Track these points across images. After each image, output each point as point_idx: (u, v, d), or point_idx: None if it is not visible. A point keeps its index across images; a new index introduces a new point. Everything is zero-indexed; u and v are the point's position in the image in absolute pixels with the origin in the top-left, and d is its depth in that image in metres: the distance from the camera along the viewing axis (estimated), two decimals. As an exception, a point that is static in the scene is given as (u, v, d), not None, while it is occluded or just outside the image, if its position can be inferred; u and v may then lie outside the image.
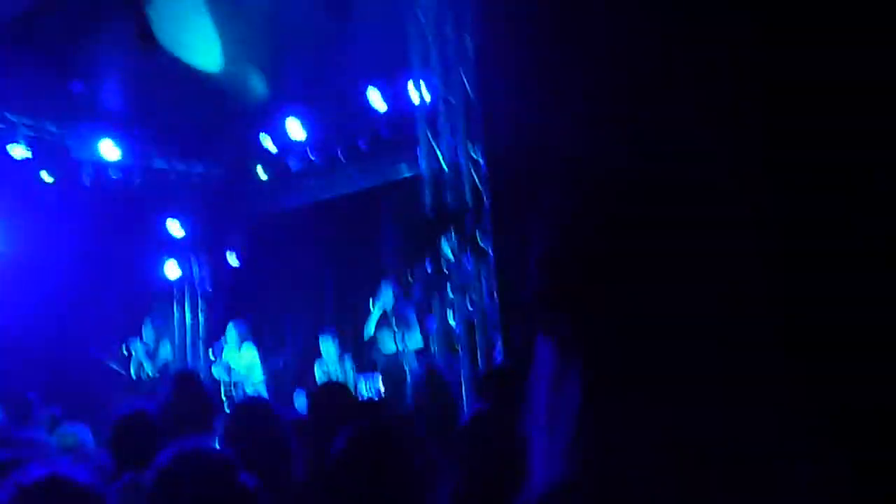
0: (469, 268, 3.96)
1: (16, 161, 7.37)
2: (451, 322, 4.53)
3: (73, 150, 7.84)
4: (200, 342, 8.67)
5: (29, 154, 7.36)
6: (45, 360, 7.59)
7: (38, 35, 5.86)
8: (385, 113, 7.23)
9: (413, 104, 6.92)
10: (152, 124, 7.90)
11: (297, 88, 7.51)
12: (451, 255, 4.27)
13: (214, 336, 8.64)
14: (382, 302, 6.37)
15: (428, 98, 6.81)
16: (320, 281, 8.16)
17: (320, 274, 8.16)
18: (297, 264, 8.26)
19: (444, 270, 4.21)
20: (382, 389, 5.11)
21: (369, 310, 6.68)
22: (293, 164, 8.18)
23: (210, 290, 8.69)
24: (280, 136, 7.85)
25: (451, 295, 4.42)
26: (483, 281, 3.92)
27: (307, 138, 7.75)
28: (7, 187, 7.55)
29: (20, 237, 7.63)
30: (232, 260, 8.48)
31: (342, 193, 8.04)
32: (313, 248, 8.10)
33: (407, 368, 5.66)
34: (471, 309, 3.99)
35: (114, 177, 8.07)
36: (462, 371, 3.90)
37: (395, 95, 7.09)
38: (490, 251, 3.91)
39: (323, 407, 2.87)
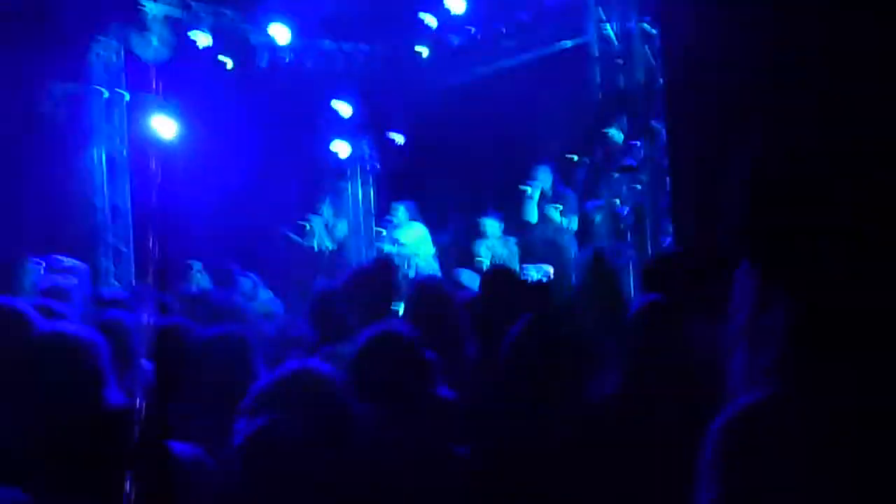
0: (640, 150, 3.82)
1: (197, 48, 7.84)
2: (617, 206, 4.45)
3: (249, 35, 8.21)
4: (372, 218, 9.16)
5: (210, 42, 7.80)
6: (237, 234, 8.40)
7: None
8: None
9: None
10: (320, 7, 8.05)
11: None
12: (619, 137, 4.13)
13: (384, 213, 9.09)
14: (540, 183, 6.33)
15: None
16: (482, 159, 8.20)
17: (482, 152, 8.18)
18: (460, 142, 8.33)
19: (611, 152, 4.09)
20: (551, 273, 5.17)
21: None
22: (454, 39, 8.11)
23: (378, 168, 9.04)
24: (441, 12, 7.76)
25: (615, 177, 4.32)
26: (653, 164, 3.78)
27: (467, 12, 7.62)
28: (190, 73, 8.13)
29: (206, 120, 8.25)
30: (397, 138, 8.71)
31: (504, 68, 7.90)
32: (475, 124, 8.09)
33: (571, 251, 5.70)
34: (639, 193, 3.88)
35: (286, 59, 8.42)
36: (629, 257, 3.86)
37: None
38: (663, 133, 3.73)
39: (493, 289, 2.97)
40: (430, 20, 7.93)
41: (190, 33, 7.63)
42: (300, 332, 3.31)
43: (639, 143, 3.92)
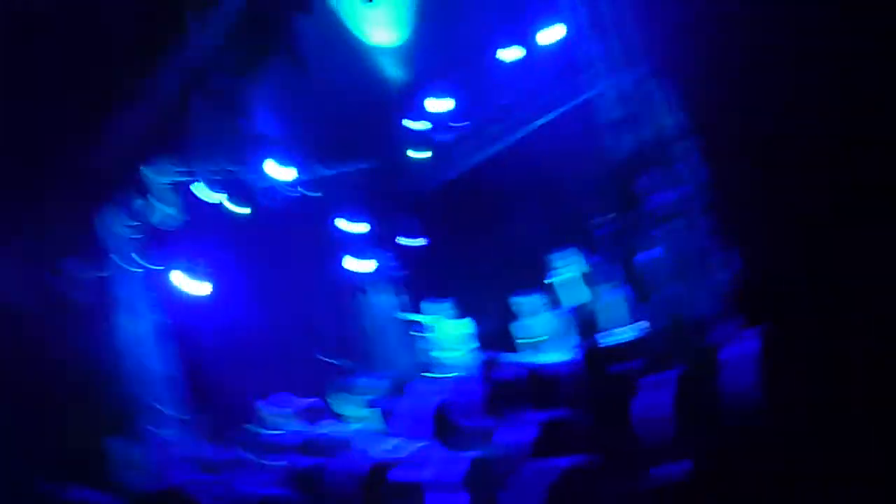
0: (671, 198, 4.02)
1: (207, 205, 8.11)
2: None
3: (249, 180, 8.52)
4: (400, 326, 9.27)
5: (217, 197, 8.09)
6: (273, 365, 8.48)
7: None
8: (522, 63, 7.30)
9: (548, 47, 6.99)
10: (310, 140, 8.42)
11: (429, 65, 7.74)
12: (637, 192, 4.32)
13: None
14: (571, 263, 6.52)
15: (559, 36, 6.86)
16: (504, 242, 8.40)
17: (502, 236, 8.39)
18: (473, 231, 8.57)
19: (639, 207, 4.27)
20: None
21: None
22: (443, 137, 8.48)
23: (399, 274, 9.22)
24: (424, 115, 8.16)
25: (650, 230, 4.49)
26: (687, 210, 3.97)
27: (449, 110, 8.02)
28: (205, 229, 8.38)
29: (229, 269, 8.46)
30: (410, 242, 8.94)
31: (499, 151, 8.24)
32: (488, 211, 8.37)
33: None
34: (680, 239, 4.05)
35: (287, 193, 8.71)
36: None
37: (529, 45, 7.15)
38: (687, 179, 3.94)
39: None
40: (415, 126, 8.34)
41: (195, 189, 7.88)
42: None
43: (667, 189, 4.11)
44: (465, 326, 7.31)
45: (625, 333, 5.23)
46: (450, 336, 7.32)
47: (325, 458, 3.40)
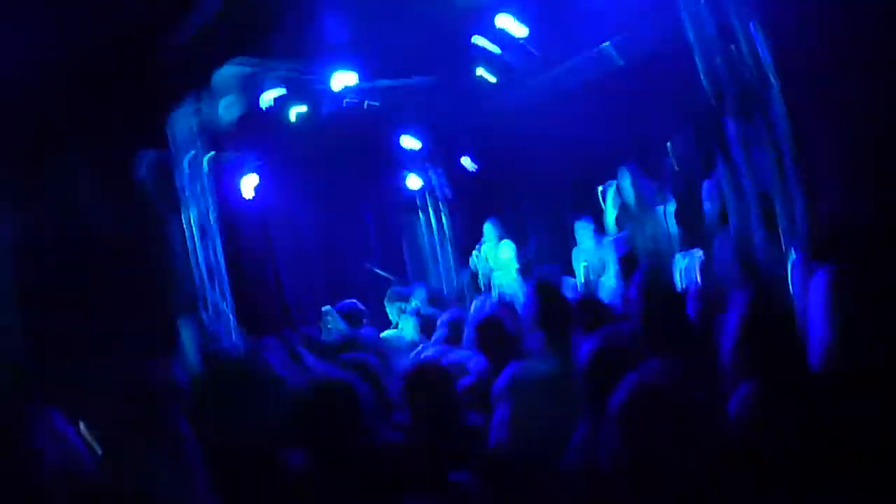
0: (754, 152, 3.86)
1: (270, 104, 8.11)
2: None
3: (315, 84, 8.49)
4: (449, 245, 9.32)
5: (279, 93, 8.07)
6: (325, 274, 8.66)
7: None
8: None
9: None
10: (376, 49, 8.29)
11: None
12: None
13: (461, 239, 9.25)
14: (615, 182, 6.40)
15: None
16: (560, 172, 8.30)
17: (559, 166, 8.28)
18: (532, 160, 8.46)
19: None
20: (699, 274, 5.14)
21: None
22: (515, 61, 8.26)
23: (450, 196, 9.21)
24: (499, 35, 7.93)
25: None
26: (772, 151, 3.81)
27: (527, 34, 7.77)
28: (264, 127, 8.43)
29: (282, 170, 8.55)
30: (468, 164, 8.87)
31: (568, 86, 8.04)
32: (546, 142, 8.22)
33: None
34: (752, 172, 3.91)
35: (348, 101, 8.66)
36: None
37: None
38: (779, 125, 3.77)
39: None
40: (488, 45, 8.10)
41: (262, 96, 7.88)
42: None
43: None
44: (511, 248, 7.29)
45: (682, 262, 5.16)
46: (499, 258, 7.32)
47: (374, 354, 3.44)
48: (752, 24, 3.86)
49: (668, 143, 5.91)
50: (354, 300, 6.51)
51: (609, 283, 6.39)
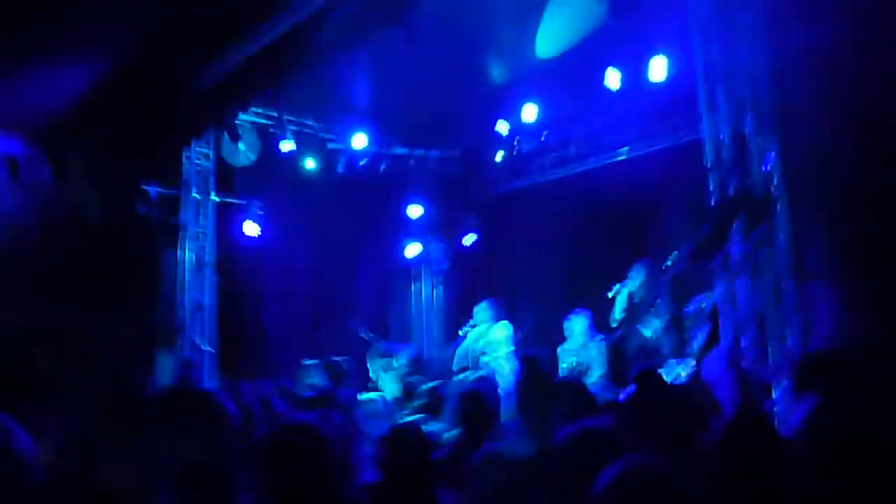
0: (754, 252, 3.91)
1: (281, 153, 8.23)
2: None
3: (328, 142, 8.66)
4: (441, 317, 9.30)
5: (293, 147, 8.19)
6: (310, 328, 8.59)
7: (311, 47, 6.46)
8: (620, 91, 7.22)
9: (650, 82, 6.93)
10: (394, 115, 8.49)
11: (532, 71, 7.70)
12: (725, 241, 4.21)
13: (450, 311, 9.23)
14: (630, 282, 6.41)
15: (663, 75, 6.80)
16: (554, 257, 8.37)
17: (556, 253, 8.36)
18: (533, 243, 8.55)
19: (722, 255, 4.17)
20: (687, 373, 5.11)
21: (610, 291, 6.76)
22: (526, 145, 8.46)
23: (445, 269, 9.24)
24: (514, 120, 8.14)
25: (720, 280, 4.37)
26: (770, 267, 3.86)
27: (539, 120, 7.99)
28: (274, 176, 8.53)
29: (286, 221, 8.60)
30: (468, 240, 8.94)
31: (576, 172, 8.22)
32: (548, 226, 8.33)
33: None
34: (755, 296, 3.94)
35: (361, 163, 8.79)
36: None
37: (632, 74, 7.07)
38: (779, 238, 3.84)
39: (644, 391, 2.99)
40: (503, 128, 8.30)
41: (281, 143, 8.00)
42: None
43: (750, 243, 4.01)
44: (507, 329, 7.24)
45: (675, 370, 5.14)
46: (492, 337, 7.26)
47: (344, 414, 3.38)
48: (762, 137, 3.98)
49: (671, 256, 5.98)
50: (343, 358, 6.43)
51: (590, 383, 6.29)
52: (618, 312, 6.59)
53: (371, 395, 5.55)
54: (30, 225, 6.96)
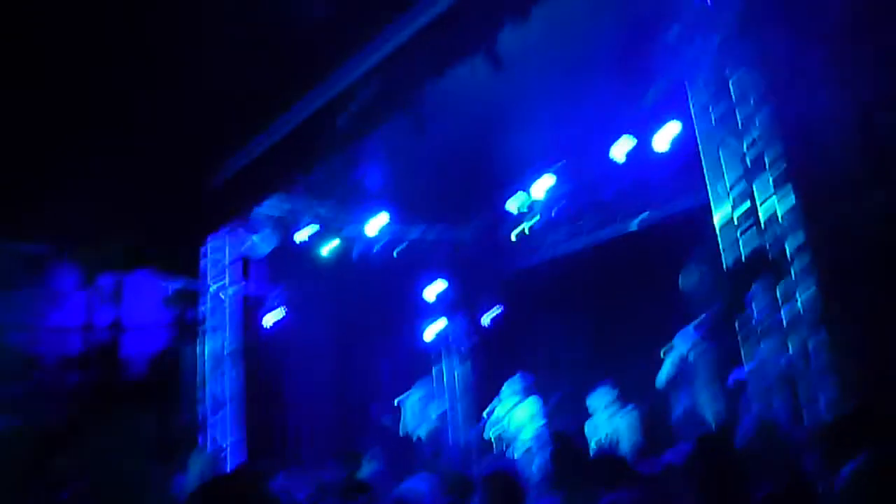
0: (779, 314, 3.85)
1: (300, 243, 8.32)
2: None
3: (344, 228, 8.76)
4: (468, 397, 9.16)
5: (307, 235, 8.28)
6: (332, 418, 8.48)
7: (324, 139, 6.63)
8: (628, 163, 7.31)
9: (656, 153, 7.02)
10: (407, 200, 8.62)
11: (543, 148, 7.84)
12: (745, 302, 4.16)
13: (474, 392, 9.09)
14: (678, 350, 6.27)
15: (667, 144, 6.89)
16: (580, 334, 8.28)
17: (578, 326, 8.28)
18: (554, 317, 8.49)
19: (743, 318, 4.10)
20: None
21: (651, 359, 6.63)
22: (537, 222, 8.51)
23: (467, 349, 9.15)
24: (530, 200, 8.22)
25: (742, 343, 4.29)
26: (797, 327, 3.78)
27: (551, 196, 8.07)
28: (291, 265, 8.61)
29: (305, 308, 8.62)
30: (486, 319, 8.90)
31: (587, 245, 8.24)
32: (568, 299, 8.29)
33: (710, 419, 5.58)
34: (785, 358, 3.85)
35: (376, 249, 8.86)
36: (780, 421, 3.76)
37: (637, 147, 7.18)
38: (800, 295, 3.78)
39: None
40: (514, 207, 8.39)
41: (296, 233, 8.12)
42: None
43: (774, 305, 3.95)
44: (535, 405, 7.09)
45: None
46: (519, 414, 7.11)
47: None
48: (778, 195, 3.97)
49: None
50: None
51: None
52: (665, 375, 6.40)
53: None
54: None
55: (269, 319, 8.12)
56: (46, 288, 7.74)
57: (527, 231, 8.55)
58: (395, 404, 8.62)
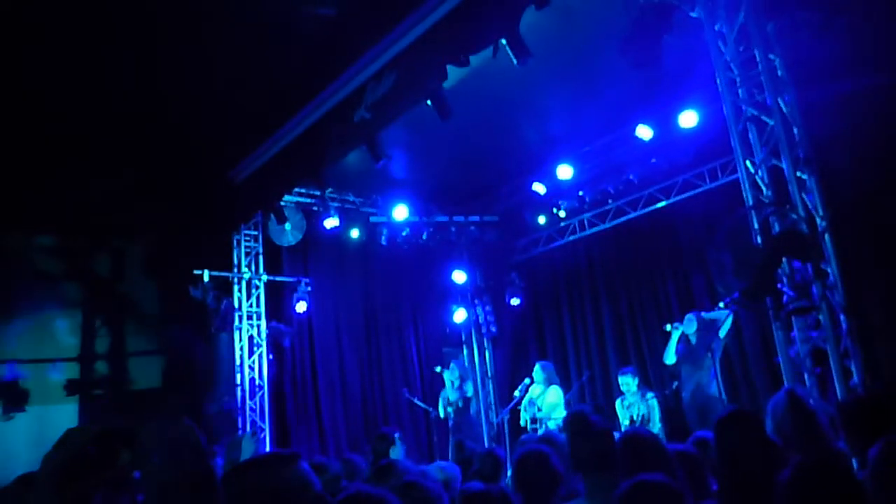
0: (812, 292, 3.84)
1: (328, 231, 8.44)
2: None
3: (370, 216, 8.86)
4: (490, 381, 9.24)
5: (337, 223, 8.39)
6: (364, 399, 8.64)
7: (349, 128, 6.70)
8: (652, 143, 7.27)
9: (681, 131, 6.97)
10: (432, 184, 8.67)
11: (565, 132, 7.81)
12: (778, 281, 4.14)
13: (502, 374, 9.16)
14: (682, 327, 6.32)
15: (695, 121, 6.84)
16: (604, 314, 8.31)
17: (602, 308, 8.30)
18: (577, 300, 8.52)
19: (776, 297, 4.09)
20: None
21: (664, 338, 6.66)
22: (564, 204, 8.50)
23: (495, 332, 9.21)
24: (550, 180, 8.21)
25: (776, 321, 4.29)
26: (824, 306, 3.78)
27: (576, 179, 8.05)
28: (320, 252, 8.74)
29: (335, 295, 8.75)
30: (513, 301, 8.94)
31: (615, 225, 8.23)
32: (592, 280, 8.31)
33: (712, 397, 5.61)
34: (814, 336, 3.85)
35: (403, 234, 8.94)
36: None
37: (662, 126, 7.13)
38: (831, 274, 3.77)
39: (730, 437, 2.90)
40: (540, 189, 8.38)
41: (324, 221, 8.23)
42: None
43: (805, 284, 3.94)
44: (558, 393, 7.15)
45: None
46: (546, 400, 7.18)
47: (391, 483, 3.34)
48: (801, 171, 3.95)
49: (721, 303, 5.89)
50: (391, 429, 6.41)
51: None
52: (671, 355, 6.47)
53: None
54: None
55: (301, 306, 8.25)
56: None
57: (555, 211, 8.57)
58: (426, 385, 8.74)
